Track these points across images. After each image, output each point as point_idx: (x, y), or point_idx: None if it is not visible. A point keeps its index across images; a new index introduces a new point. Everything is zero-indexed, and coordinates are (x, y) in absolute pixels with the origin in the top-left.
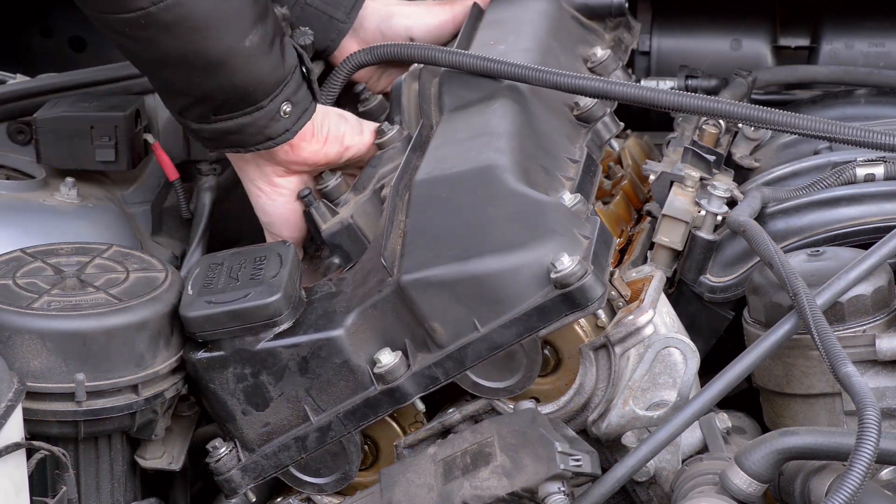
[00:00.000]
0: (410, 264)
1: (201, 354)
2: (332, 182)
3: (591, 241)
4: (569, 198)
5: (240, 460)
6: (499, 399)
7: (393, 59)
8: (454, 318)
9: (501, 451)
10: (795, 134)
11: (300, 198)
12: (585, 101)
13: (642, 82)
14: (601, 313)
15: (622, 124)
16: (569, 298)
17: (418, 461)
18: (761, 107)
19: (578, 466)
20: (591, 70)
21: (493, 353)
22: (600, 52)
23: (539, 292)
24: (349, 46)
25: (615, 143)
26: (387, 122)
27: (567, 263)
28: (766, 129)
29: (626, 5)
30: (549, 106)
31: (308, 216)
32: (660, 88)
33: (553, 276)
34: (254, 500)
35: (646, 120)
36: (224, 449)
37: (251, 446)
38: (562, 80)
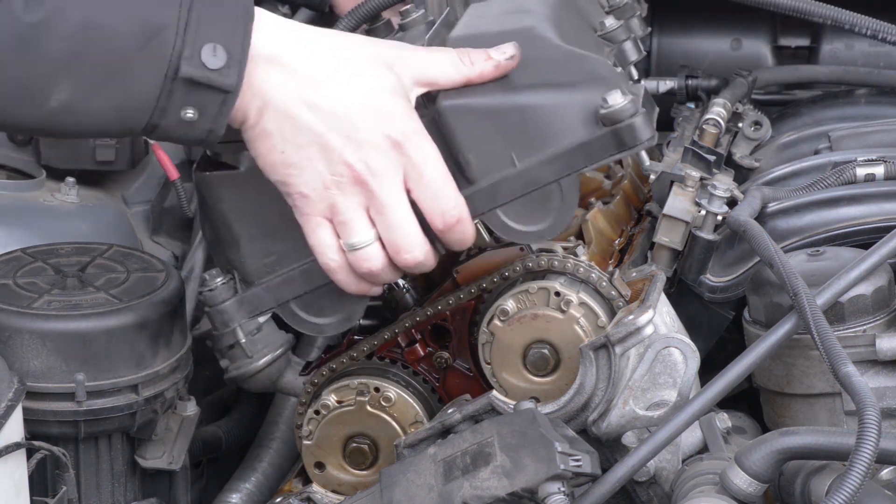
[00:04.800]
0: (452, 91)
1: (215, 170)
2: None
3: (639, 95)
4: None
5: (236, 292)
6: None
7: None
8: (491, 150)
9: (501, 451)
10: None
11: None
12: (610, 23)
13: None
14: (601, 314)
15: (644, 52)
16: (616, 136)
17: (418, 461)
18: None
19: (578, 466)
20: (607, 13)
21: (528, 191)
22: None
23: (585, 130)
24: None
25: (634, 72)
26: (412, 5)
27: (619, 100)
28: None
29: None
30: (578, 19)
31: None
32: None
33: (602, 111)
34: (243, 339)
35: None
36: (221, 279)
37: (251, 278)
38: None
